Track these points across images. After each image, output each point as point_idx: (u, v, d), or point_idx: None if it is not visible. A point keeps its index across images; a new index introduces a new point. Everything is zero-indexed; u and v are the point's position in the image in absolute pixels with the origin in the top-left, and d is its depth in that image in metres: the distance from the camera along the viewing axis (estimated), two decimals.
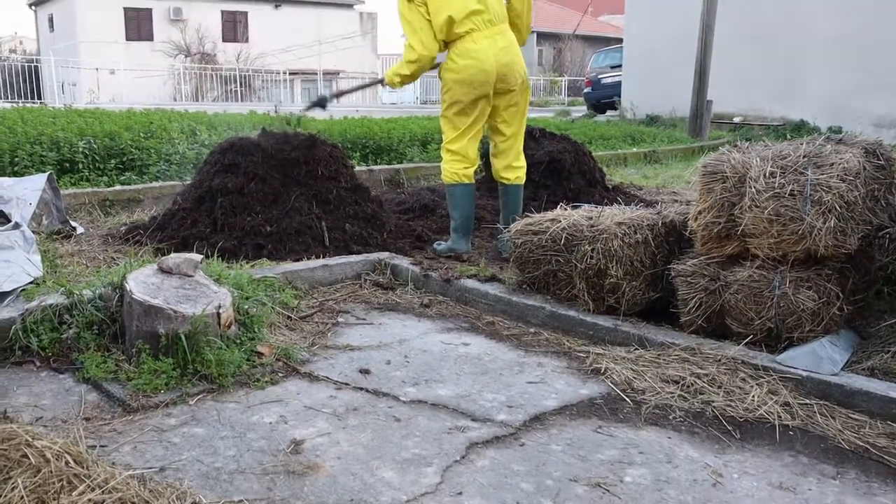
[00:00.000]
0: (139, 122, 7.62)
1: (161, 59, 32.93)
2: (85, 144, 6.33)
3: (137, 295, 2.83)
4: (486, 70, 4.41)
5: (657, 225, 3.47)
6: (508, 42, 4.51)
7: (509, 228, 3.82)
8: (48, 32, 38.11)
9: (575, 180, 6.40)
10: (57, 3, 36.53)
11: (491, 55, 4.41)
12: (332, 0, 40.41)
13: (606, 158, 9.69)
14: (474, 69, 4.41)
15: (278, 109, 5.52)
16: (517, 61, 4.53)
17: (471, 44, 4.42)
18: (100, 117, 7.81)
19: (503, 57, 4.44)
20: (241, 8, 37.66)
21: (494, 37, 4.45)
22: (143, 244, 4.43)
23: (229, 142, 4.96)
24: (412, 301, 3.93)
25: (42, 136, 6.26)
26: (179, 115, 8.82)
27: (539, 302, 3.60)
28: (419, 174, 7.63)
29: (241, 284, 3.41)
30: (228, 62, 33.62)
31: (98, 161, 6.34)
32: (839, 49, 14.84)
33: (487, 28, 4.44)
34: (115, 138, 6.60)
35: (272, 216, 4.56)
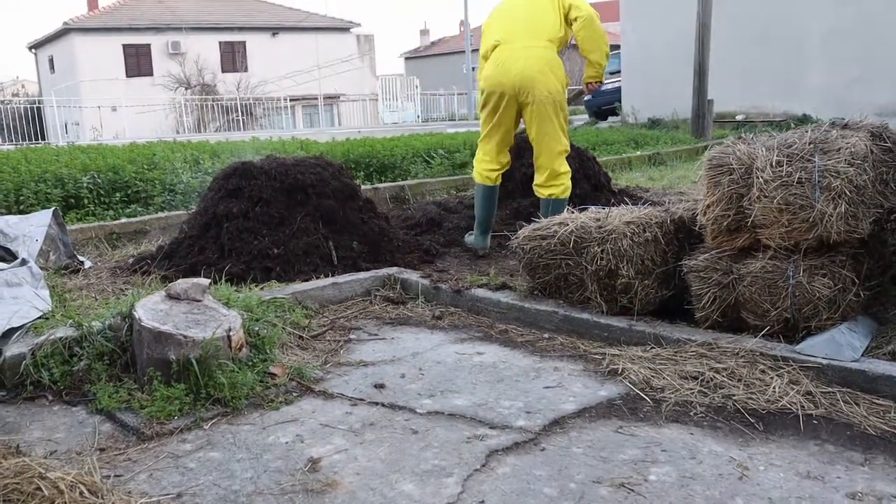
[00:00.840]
0: (142, 154, 7.63)
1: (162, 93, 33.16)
2: (89, 179, 6.34)
3: (146, 322, 2.82)
4: (503, 82, 4.69)
5: (666, 222, 3.44)
6: (534, 56, 4.67)
7: (517, 234, 3.79)
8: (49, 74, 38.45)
9: (580, 185, 6.37)
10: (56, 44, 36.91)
11: (511, 67, 4.66)
12: (329, 25, 40.68)
13: (611, 163, 9.67)
14: (494, 79, 4.73)
15: None
16: (539, 78, 4.66)
17: (499, 54, 4.75)
18: (103, 152, 7.83)
19: (522, 71, 4.65)
20: (239, 38, 37.94)
21: (521, 49, 4.68)
22: (151, 274, 4.42)
23: (232, 167, 4.95)
24: (424, 314, 3.90)
25: (46, 173, 6.27)
26: (182, 146, 8.85)
27: (551, 307, 3.57)
28: (424, 190, 7.62)
29: (251, 306, 3.40)
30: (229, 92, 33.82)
31: (103, 195, 6.35)
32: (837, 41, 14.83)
33: (517, 41, 4.70)
34: (119, 172, 6.61)
35: (279, 238, 4.55)
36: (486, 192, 5.01)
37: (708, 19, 13.62)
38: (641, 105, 17.36)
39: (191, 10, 38.17)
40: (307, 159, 5.00)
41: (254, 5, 41.12)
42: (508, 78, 4.67)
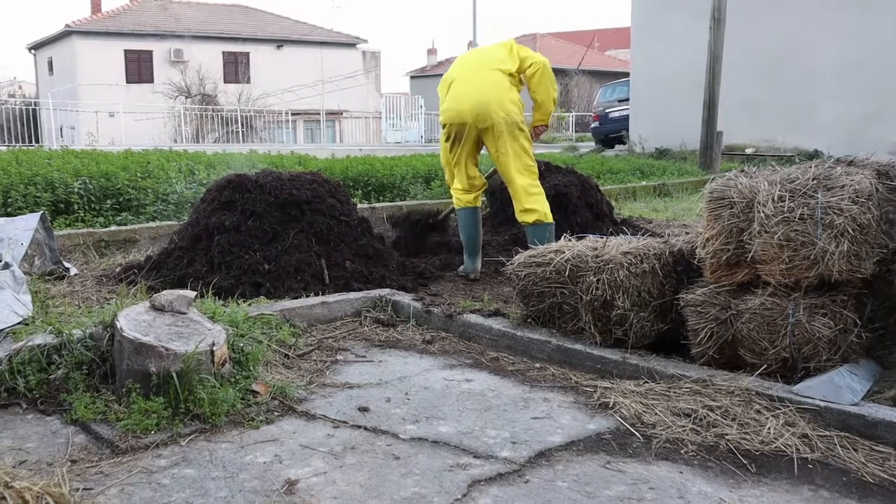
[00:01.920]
0: (137, 162, 7.66)
1: (161, 100, 33.28)
2: (80, 185, 6.35)
3: (128, 332, 2.81)
4: (461, 110, 4.89)
5: (664, 254, 3.44)
6: (485, 82, 4.89)
7: (512, 261, 3.79)
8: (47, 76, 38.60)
9: (582, 214, 6.39)
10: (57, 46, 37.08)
11: (465, 96, 4.88)
12: (334, 39, 40.88)
13: (615, 192, 9.70)
14: (452, 111, 4.93)
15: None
16: (492, 100, 4.85)
17: (453, 89, 4.99)
18: (96, 158, 7.85)
19: (476, 97, 4.86)
20: (243, 49, 38.12)
21: (470, 79, 4.93)
22: (138, 284, 4.42)
23: (226, 179, 4.97)
24: (414, 338, 3.90)
25: (37, 176, 6.29)
26: (178, 155, 8.87)
27: (544, 336, 3.56)
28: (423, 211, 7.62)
29: (237, 322, 3.39)
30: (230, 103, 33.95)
31: (94, 201, 6.37)
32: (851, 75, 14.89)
33: (468, 74, 4.95)
34: (112, 178, 6.63)
35: (270, 254, 4.55)
36: (465, 215, 5.16)
37: (719, 51, 13.71)
38: (649, 134, 17.44)
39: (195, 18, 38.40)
40: (303, 175, 5.02)
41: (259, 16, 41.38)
42: (464, 105, 4.87)
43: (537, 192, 4.94)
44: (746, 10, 15.57)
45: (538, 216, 4.89)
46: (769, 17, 15.93)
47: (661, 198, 10.28)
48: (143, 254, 5.45)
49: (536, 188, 4.95)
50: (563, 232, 4.62)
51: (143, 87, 35.12)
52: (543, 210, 4.92)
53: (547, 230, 4.89)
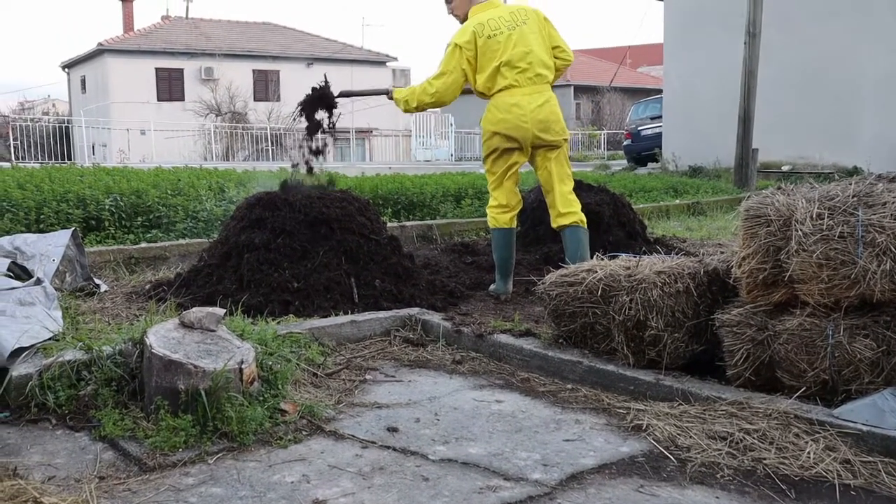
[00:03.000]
0: (167, 179, 7.75)
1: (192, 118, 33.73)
2: (111, 202, 6.44)
3: (157, 349, 2.83)
4: (521, 126, 4.81)
5: (699, 273, 3.41)
6: (545, 100, 4.87)
7: (543, 280, 3.78)
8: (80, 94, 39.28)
9: (614, 233, 6.36)
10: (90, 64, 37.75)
11: (528, 111, 4.80)
12: (364, 57, 41.25)
13: (648, 211, 9.65)
14: (509, 123, 4.82)
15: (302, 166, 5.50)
16: (553, 119, 4.89)
17: (508, 98, 4.83)
18: (127, 175, 7.97)
19: (539, 114, 4.82)
20: (273, 67, 38.55)
21: (532, 94, 4.84)
22: (167, 301, 4.45)
23: (256, 197, 5.00)
24: (443, 357, 3.89)
25: (69, 193, 6.39)
26: (208, 173, 8.97)
27: (576, 356, 3.54)
28: (452, 230, 7.65)
29: (266, 340, 3.40)
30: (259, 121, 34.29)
31: (124, 218, 6.44)
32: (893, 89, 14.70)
33: (527, 86, 4.83)
34: (142, 196, 6.71)
35: (300, 272, 4.57)
36: (500, 235, 5.09)
37: (754, 66, 13.63)
38: (682, 152, 17.34)
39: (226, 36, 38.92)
40: (333, 193, 5.04)
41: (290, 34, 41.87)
42: (524, 122, 4.80)
43: (575, 198, 5.04)
44: (782, 23, 15.47)
45: (577, 218, 4.96)
46: (806, 31, 15.81)
47: (695, 216, 10.21)
48: (173, 271, 5.51)
49: (574, 195, 5.05)
50: (596, 251, 4.62)
51: (174, 105, 35.63)
52: (581, 213, 5.01)
53: (585, 234, 4.98)
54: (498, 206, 5.05)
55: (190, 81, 36.58)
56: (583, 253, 4.85)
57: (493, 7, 4.95)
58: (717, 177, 15.03)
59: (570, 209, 4.97)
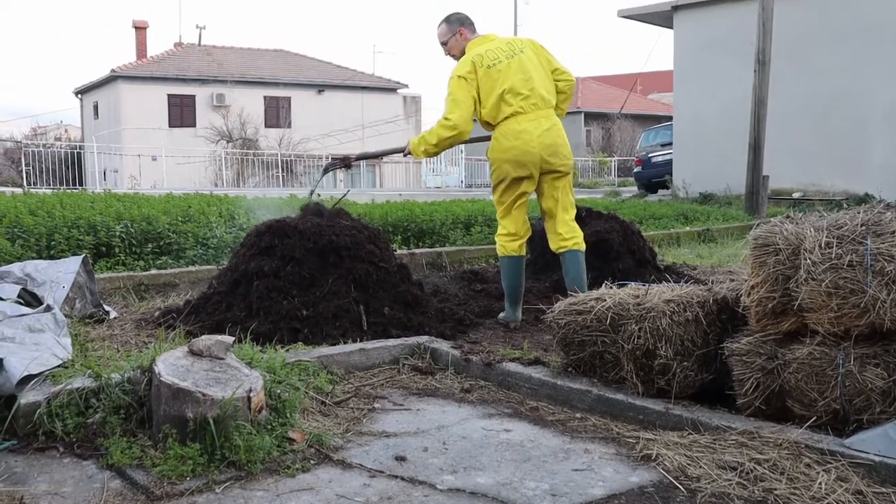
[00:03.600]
0: (178, 206, 7.79)
1: (203, 144, 33.91)
2: (122, 228, 6.47)
3: (166, 377, 2.84)
4: (530, 151, 4.84)
5: (708, 302, 3.41)
6: (552, 124, 4.92)
7: (552, 308, 3.78)
8: (93, 120, 39.61)
9: (624, 260, 6.35)
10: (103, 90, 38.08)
11: (535, 136, 4.84)
12: (375, 84, 41.44)
13: (658, 238, 9.64)
14: (518, 150, 4.85)
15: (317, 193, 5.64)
16: (561, 143, 4.94)
17: (515, 125, 4.87)
18: (138, 201, 8.01)
19: (546, 139, 4.86)
20: (284, 94, 38.79)
21: (539, 119, 4.87)
22: (176, 328, 4.47)
23: (266, 224, 5.03)
24: (452, 386, 3.89)
25: (80, 219, 6.42)
26: (218, 199, 9.01)
27: (585, 385, 3.53)
28: (462, 257, 7.65)
29: (274, 368, 3.41)
30: (270, 147, 34.47)
31: (135, 245, 6.47)
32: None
33: (532, 111, 4.87)
34: (153, 222, 6.75)
35: (309, 299, 4.58)
36: (510, 263, 5.12)
37: (764, 94, 13.67)
38: (693, 179, 17.34)
39: (238, 63, 39.23)
40: (343, 221, 5.05)
41: (300, 61, 42.14)
42: (532, 147, 4.84)
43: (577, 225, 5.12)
44: (792, 52, 15.53)
45: (579, 240, 5.04)
46: (816, 59, 15.85)
47: (705, 244, 10.20)
48: (183, 298, 5.53)
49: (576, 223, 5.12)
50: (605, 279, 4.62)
51: (185, 132, 35.86)
52: (581, 238, 5.08)
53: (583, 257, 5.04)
54: (507, 235, 5.09)
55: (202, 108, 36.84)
56: (582, 279, 4.92)
57: (488, 41, 5.04)
58: (728, 204, 15.01)
59: (573, 234, 5.03)
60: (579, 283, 4.84)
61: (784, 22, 14.70)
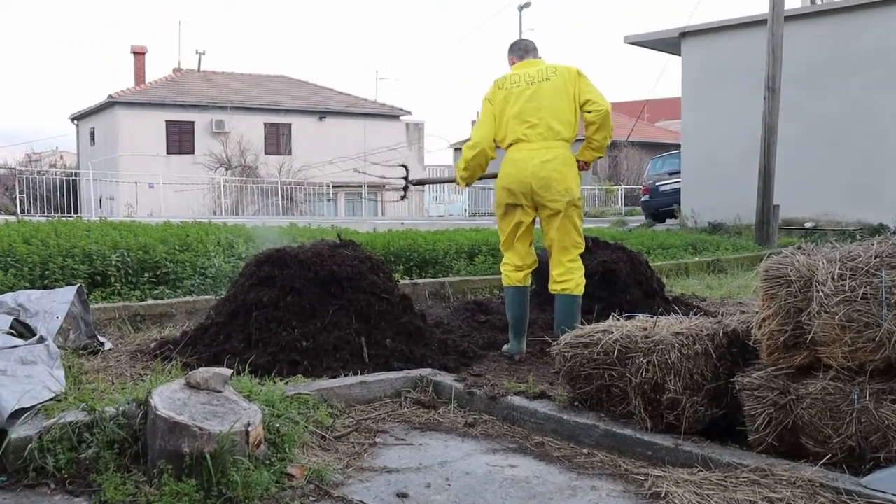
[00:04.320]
0: (175, 234, 7.81)
1: (201, 171, 34.00)
2: (118, 257, 6.48)
3: (162, 411, 2.84)
4: (522, 180, 4.91)
5: (718, 335, 3.41)
6: (552, 157, 4.90)
7: (558, 341, 3.78)
8: (89, 146, 39.69)
9: (631, 291, 6.36)
10: (99, 116, 38.22)
11: (529, 166, 4.88)
12: (378, 111, 41.64)
13: (666, 269, 9.65)
14: (511, 177, 4.95)
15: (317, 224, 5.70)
16: (556, 178, 4.88)
17: (516, 152, 4.97)
18: (135, 230, 8.03)
19: (541, 170, 4.87)
20: (285, 120, 38.96)
21: (539, 150, 4.90)
22: (173, 360, 4.47)
23: (265, 254, 5.05)
24: (455, 420, 3.88)
25: (75, 248, 6.44)
26: (217, 228, 9.04)
27: (592, 420, 3.52)
28: (465, 288, 7.65)
29: (273, 401, 3.41)
30: (270, 175, 34.58)
31: (131, 274, 6.48)
32: None
33: (536, 141, 4.91)
34: (150, 251, 6.76)
35: (309, 331, 4.59)
36: (513, 294, 5.17)
37: (774, 121, 13.71)
38: (702, 208, 17.36)
39: (238, 89, 39.45)
40: (344, 250, 5.07)
41: (302, 87, 42.39)
42: (525, 176, 4.89)
43: (576, 266, 5.05)
44: (804, 77, 15.61)
45: (569, 285, 5.00)
46: (829, 85, 15.91)
47: (715, 274, 10.20)
48: (180, 329, 5.53)
49: (576, 262, 5.06)
50: (612, 311, 4.62)
51: (183, 158, 35.95)
52: (576, 282, 5.02)
53: (574, 303, 5.01)
54: (511, 265, 5.15)
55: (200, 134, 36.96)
56: (570, 323, 4.76)
57: (528, 65, 5.12)
58: (738, 233, 15.02)
59: (565, 278, 5.02)
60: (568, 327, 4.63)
61: (795, 47, 14.79)
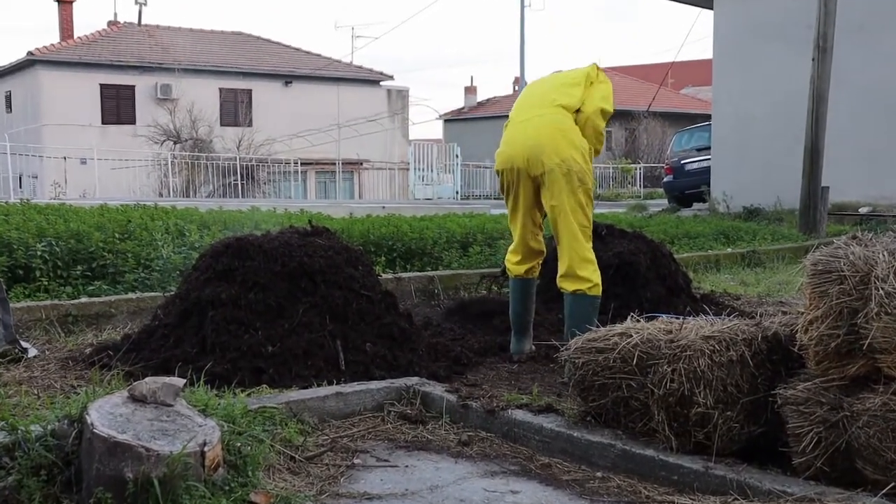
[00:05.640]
0: (114, 220, 7.81)
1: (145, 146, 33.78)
2: (44, 247, 6.45)
3: (100, 429, 2.83)
4: (512, 155, 5.07)
5: (756, 339, 3.42)
6: (543, 123, 4.98)
7: (567, 345, 3.79)
8: (4, 113, 39.23)
9: (652, 288, 6.38)
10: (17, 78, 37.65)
11: (519, 139, 5.03)
12: (354, 75, 41.53)
13: (693, 261, 9.69)
14: (504, 154, 5.14)
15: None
16: (547, 143, 4.92)
17: (508, 130, 5.21)
18: (64, 214, 8.01)
19: (529, 139, 4.97)
20: (244, 85, 38.76)
21: (530, 119, 5.05)
22: (113, 369, 4.46)
23: (224, 243, 5.05)
24: (447, 438, 3.90)
25: None
26: (165, 213, 9.03)
27: (607, 438, 3.54)
28: (458, 283, 7.68)
29: (234, 416, 3.41)
30: (227, 150, 34.44)
31: (60, 267, 6.46)
32: None
33: (525, 112, 5.11)
34: (84, 240, 6.74)
35: (275, 333, 4.60)
36: (513, 287, 5.35)
37: (824, 87, 13.66)
38: (735, 190, 17.37)
39: (187, 48, 39.19)
40: (317, 240, 5.07)
41: (264, 47, 42.21)
42: (515, 149, 5.02)
43: (589, 258, 4.98)
44: (859, 36, 15.55)
45: (581, 286, 4.92)
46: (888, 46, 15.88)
47: (751, 268, 10.24)
48: (121, 332, 5.52)
49: (589, 254, 4.99)
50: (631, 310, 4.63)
51: (122, 130, 35.72)
52: (593, 280, 4.95)
53: (590, 305, 4.94)
54: (512, 252, 5.30)
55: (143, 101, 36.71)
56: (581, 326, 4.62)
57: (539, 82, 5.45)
58: (779, 220, 15.05)
59: (577, 272, 4.93)
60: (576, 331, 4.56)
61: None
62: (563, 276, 5.00)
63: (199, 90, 36.72)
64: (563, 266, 4.99)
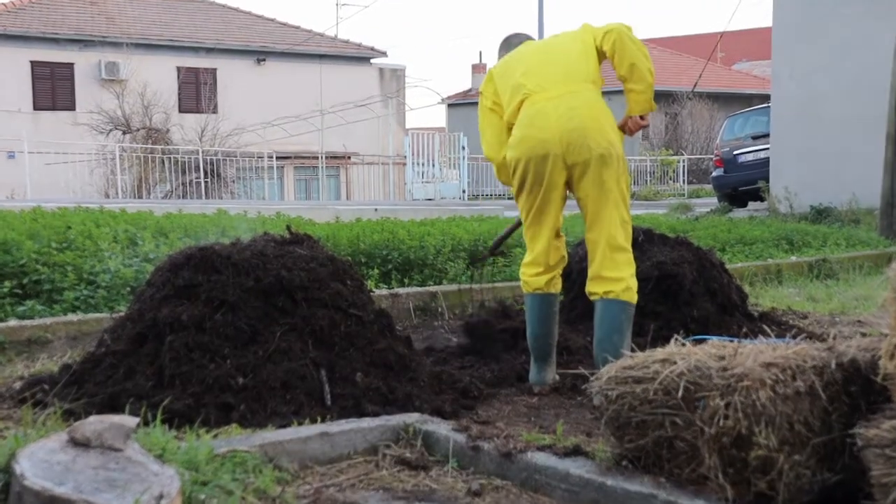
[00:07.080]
0: (50, 226, 7.81)
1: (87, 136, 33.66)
2: None
3: (33, 481, 2.83)
4: (545, 139, 4.92)
5: (829, 367, 3.42)
6: (580, 103, 4.96)
7: (598, 374, 3.77)
8: None
9: (699, 304, 6.39)
10: None
11: (552, 120, 4.91)
12: (339, 52, 41.45)
13: (749, 272, 9.69)
14: (531, 140, 5.01)
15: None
16: (593, 126, 4.93)
17: (530, 107, 5.07)
18: None
19: (569, 122, 4.90)
20: (208, 63, 38.67)
21: (563, 96, 4.97)
22: (50, 406, 4.46)
23: (185, 254, 5.05)
24: (455, 487, 3.89)
25: None
26: (112, 217, 9.04)
27: (648, 487, 3.53)
28: (466, 300, 7.67)
29: (197, 463, 3.41)
30: (187, 141, 34.41)
31: None
32: None
33: (552, 88, 5.00)
34: (11, 250, 6.75)
35: (247, 362, 4.60)
36: (531, 303, 5.26)
37: None
38: (800, 186, 17.34)
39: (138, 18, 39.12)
40: (296, 249, 5.08)
41: (232, 17, 42.17)
42: (549, 133, 4.92)
43: (628, 257, 5.03)
44: None
45: (615, 287, 4.95)
46: None
47: (820, 280, 10.23)
48: (58, 361, 5.53)
49: (628, 252, 5.04)
50: (674, 331, 4.64)
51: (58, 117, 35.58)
52: (628, 283, 4.98)
53: (625, 312, 4.97)
54: (529, 263, 5.22)
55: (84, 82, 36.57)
56: (617, 341, 4.84)
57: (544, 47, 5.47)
58: (854, 222, 15.03)
59: (612, 273, 4.97)
60: (610, 349, 4.74)
61: None
62: (593, 279, 5.03)
63: (153, 69, 36.55)
64: (595, 266, 5.03)
